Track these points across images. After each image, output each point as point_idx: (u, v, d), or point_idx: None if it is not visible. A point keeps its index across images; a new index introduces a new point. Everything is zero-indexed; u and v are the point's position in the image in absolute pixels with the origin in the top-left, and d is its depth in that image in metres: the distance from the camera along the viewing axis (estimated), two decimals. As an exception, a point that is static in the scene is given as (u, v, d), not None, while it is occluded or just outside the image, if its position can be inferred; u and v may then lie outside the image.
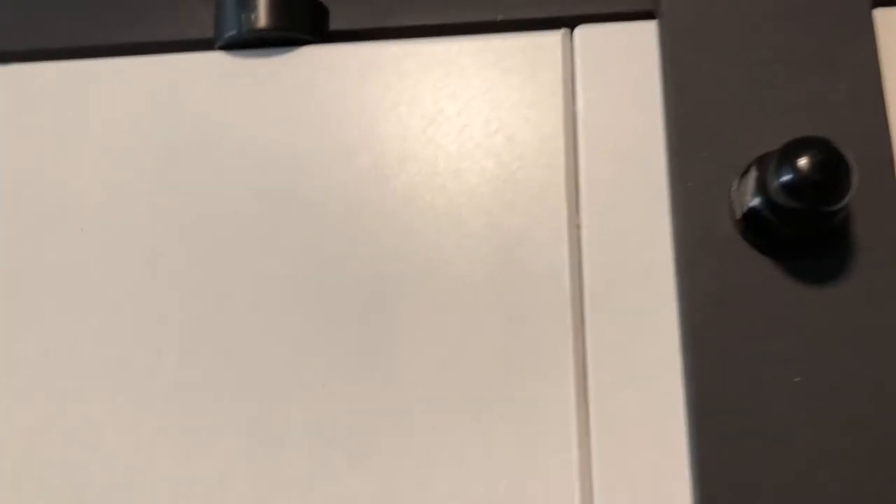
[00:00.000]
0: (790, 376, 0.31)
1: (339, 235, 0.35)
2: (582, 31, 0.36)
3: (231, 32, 0.37)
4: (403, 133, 0.36)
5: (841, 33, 0.34)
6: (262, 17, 0.37)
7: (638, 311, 0.33)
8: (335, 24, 0.39)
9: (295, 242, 0.35)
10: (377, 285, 0.34)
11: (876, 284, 0.31)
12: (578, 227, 0.34)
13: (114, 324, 0.35)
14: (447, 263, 0.34)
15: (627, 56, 0.36)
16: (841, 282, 0.32)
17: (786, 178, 0.29)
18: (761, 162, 0.32)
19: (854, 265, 0.32)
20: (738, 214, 0.32)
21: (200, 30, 0.39)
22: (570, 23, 0.37)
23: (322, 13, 0.38)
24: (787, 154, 0.29)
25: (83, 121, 0.38)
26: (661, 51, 0.35)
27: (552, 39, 0.37)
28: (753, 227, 0.32)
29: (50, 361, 0.35)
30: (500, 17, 0.38)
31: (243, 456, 0.33)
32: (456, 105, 0.36)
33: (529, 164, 0.35)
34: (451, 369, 0.33)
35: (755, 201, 0.31)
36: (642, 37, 0.36)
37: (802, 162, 0.29)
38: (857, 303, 0.31)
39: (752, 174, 0.32)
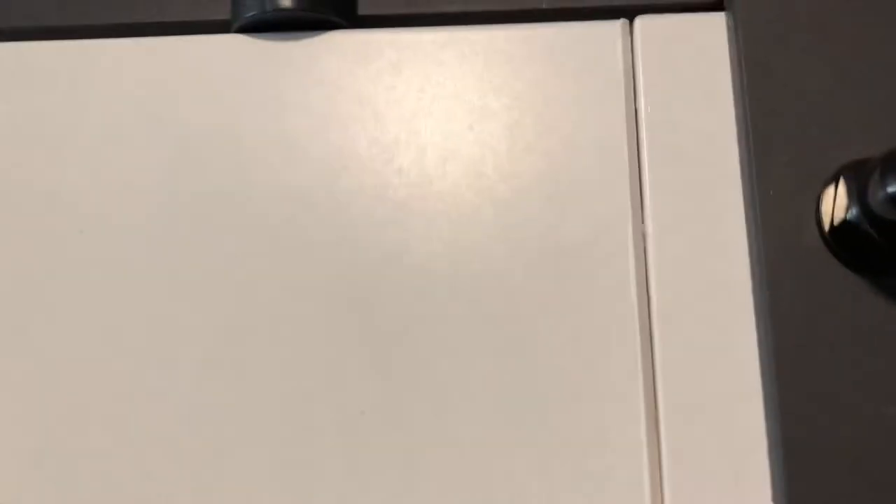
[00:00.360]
0: (887, 405, 0.28)
1: (376, 243, 0.31)
2: (643, 22, 0.33)
3: (251, 12, 0.33)
4: (446, 129, 0.33)
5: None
6: (287, -3, 0.33)
7: (712, 331, 0.30)
8: (364, 7, 0.36)
9: (328, 250, 0.31)
10: (420, 301, 0.31)
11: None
12: (644, 237, 0.31)
13: (123, 339, 0.31)
14: (498, 277, 0.31)
15: (693, 50, 0.33)
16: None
17: (891, 189, 0.26)
18: (855, 170, 0.29)
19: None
20: (828, 226, 0.29)
21: (216, 10, 0.35)
22: (626, 13, 0.34)
23: (351, -4, 0.35)
24: (891, 164, 0.27)
25: (84, 107, 0.33)
26: (731, 45, 0.32)
27: (610, 30, 0.33)
28: (845, 240, 0.29)
29: (51, 379, 0.30)
30: (545, 5, 0.35)
31: (270, 486, 0.29)
32: (503, 100, 0.33)
33: (588, 167, 0.32)
34: (504, 394, 0.30)
35: (851, 213, 0.28)
36: (710, 29, 0.33)
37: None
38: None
39: (844, 183, 0.29)
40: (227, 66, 0.34)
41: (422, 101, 0.33)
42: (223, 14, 0.34)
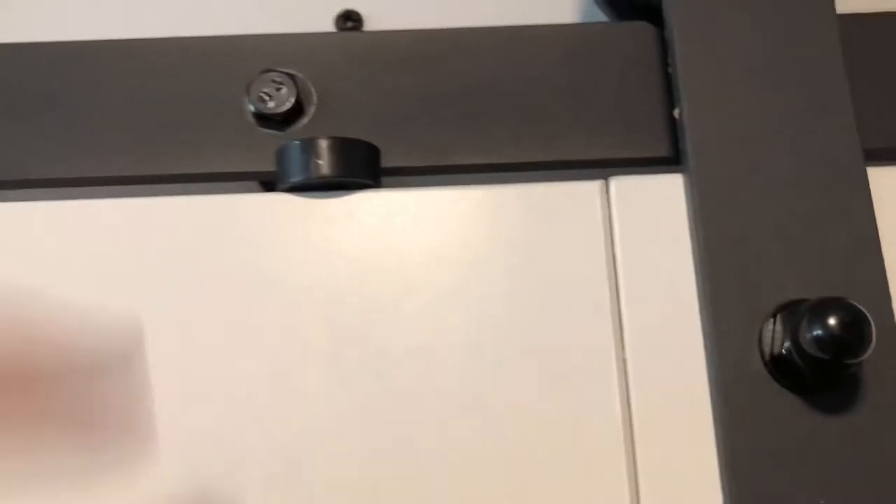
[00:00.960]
0: (819, 499, 0.36)
1: (397, 377, 0.38)
2: (617, 182, 0.41)
3: (297, 178, 0.40)
4: (458, 274, 0.40)
5: (842, 191, 0.39)
6: (326, 165, 0.40)
7: (681, 440, 0.37)
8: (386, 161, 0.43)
9: (367, 385, 0.38)
10: (447, 428, 0.38)
11: (882, 416, 0.37)
12: (625, 362, 0.38)
13: None
14: (501, 405, 0.38)
15: (660, 206, 0.40)
16: (852, 412, 0.37)
17: (817, 333, 0.34)
18: (789, 311, 0.37)
19: (863, 399, 0.37)
20: (768, 356, 0.37)
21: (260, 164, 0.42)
22: (595, 166, 0.42)
23: (377, 155, 0.42)
24: (818, 312, 0.35)
25: (137, 260, 0.40)
26: (688, 204, 0.40)
27: (590, 189, 0.41)
28: (781, 368, 0.37)
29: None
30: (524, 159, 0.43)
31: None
32: (503, 248, 0.40)
33: (572, 303, 0.39)
34: None
35: (785, 346, 0.36)
36: (673, 187, 0.41)
37: (833, 321, 0.34)
38: (866, 430, 0.36)
39: (780, 322, 0.37)
40: (272, 221, 0.41)
41: (440, 251, 0.40)
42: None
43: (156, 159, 0.42)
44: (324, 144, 0.40)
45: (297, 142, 0.40)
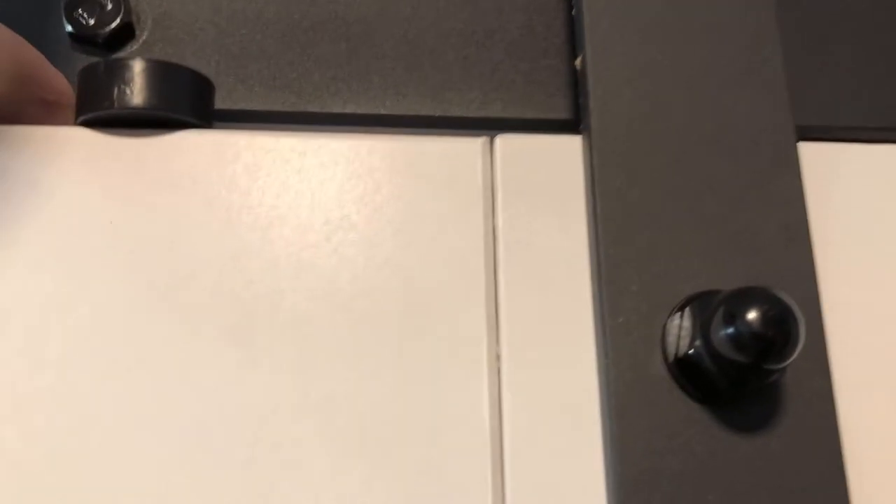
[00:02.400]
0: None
1: (217, 359, 0.30)
2: (503, 140, 0.33)
3: (98, 110, 0.31)
4: (302, 240, 0.32)
5: (769, 167, 0.33)
6: (136, 94, 0.31)
7: (561, 456, 0.30)
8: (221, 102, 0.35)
9: (170, 370, 0.30)
10: (262, 425, 0.30)
11: (801, 433, 0.30)
12: (498, 358, 0.31)
13: None
14: (348, 399, 0.30)
15: (551, 170, 0.33)
16: (770, 430, 0.30)
17: (732, 330, 0.27)
18: (699, 304, 0.30)
19: (783, 413, 0.30)
20: (672, 357, 0.30)
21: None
22: (488, 126, 0.35)
23: (208, 90, 0.34)
24: (735, 304, 0.28)
25: None
26: (585, 171, 0.33)
27: (471, 147, 0.33)
28: (688, 372, 0.30)
29: None
30: (383, 111, 0.35)
31: None
32: (363, 211, 0.32)
33: (444, 283, 0.32)
34: (351, 521, 0.29)
35: (693, 348, 0.29)
36: (567, 151, 0.33)
37: (752, 316, 0.27)
38: (785, 452, 0.30)
39: (689, 317, 0.30)
40: (68, 159, 0.32)
41: (278, 209, 0.32)
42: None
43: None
44: (137, 67, 0.31)
45: (101, 62, 0.32)
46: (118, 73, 0.31)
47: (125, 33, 0.36)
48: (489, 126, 0.35)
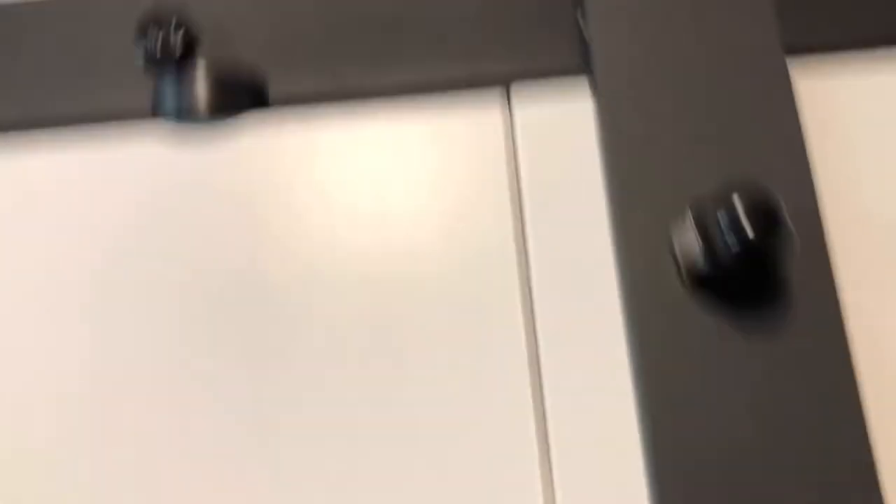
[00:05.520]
0: (735, 416, 0.32)
1: (286, 298, 0.35)
2: (518, 88, 0.38)
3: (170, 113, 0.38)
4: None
5: (761, 83, 0.36)
6: (205, 106, 0.37)
7: (593, 359, 0.34)
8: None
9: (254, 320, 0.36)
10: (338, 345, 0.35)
11: (805, 334, 0.33)
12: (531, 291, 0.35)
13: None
14: (403, 322, 0.35)
15: (563, 112, 0.37)
16: (775, 331, 0.33)
17: (725, 219, 0.31)
18: (696, 206, 0.33)
19: (788, 315, 0.33)
20: (680, 258, 0.33)
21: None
22: (504, 79, 0.39)
23: (262, 84, 0.39)
24: (724, 197, 0.31)
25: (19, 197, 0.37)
26: (596, 110, 0.37)
27: (490, 95, 0.38)
28: (696, 277, 0.33)
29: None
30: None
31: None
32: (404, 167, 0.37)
33: (476, 221, 0.36)
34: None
35: (699, 247, 0.33)
36: (576, 92, 0.38)
37: (735, 198, 0.31)
38: (792, 351, 0.33)
39: (692, 220, 0.33)
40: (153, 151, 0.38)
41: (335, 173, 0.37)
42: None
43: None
44: (201, 88, 0.37)
45: (173, 80, 0.38)
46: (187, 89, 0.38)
47: (187, 49, 0.41)
48: (500, 81, 0.39)
